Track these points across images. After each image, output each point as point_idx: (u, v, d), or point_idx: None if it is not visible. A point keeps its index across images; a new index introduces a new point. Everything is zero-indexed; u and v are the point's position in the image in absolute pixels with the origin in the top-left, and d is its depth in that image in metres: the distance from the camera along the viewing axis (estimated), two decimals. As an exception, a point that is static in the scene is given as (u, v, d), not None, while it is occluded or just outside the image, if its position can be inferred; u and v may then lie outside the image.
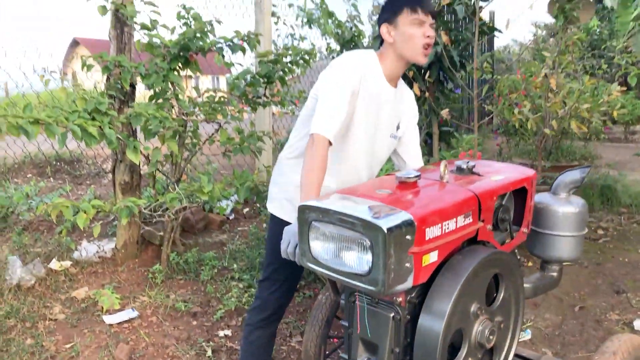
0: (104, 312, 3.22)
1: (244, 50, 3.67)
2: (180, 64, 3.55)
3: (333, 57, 5.35)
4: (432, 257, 1.50)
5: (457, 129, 5.88)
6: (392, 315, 1.57)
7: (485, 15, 10.60)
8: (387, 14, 1.97)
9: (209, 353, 2.83)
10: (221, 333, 3.03)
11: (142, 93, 3.90)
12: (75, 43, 35.16)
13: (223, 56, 3.64)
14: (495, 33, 6.32)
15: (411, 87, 4.39)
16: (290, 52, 3.68)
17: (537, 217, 2.00)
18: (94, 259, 3.85)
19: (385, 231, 1.37)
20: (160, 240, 3.94)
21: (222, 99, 3.64)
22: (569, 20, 5.53)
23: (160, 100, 3.48)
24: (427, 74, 5.09)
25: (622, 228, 4.71)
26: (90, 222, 3.34)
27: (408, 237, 1.42)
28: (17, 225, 4.27)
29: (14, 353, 2.75)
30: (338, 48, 5.42)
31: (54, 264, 3.69)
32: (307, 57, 3.65)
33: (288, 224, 2.04)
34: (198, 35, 3.44)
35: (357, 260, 1.47)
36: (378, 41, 2.10)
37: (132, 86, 3.67)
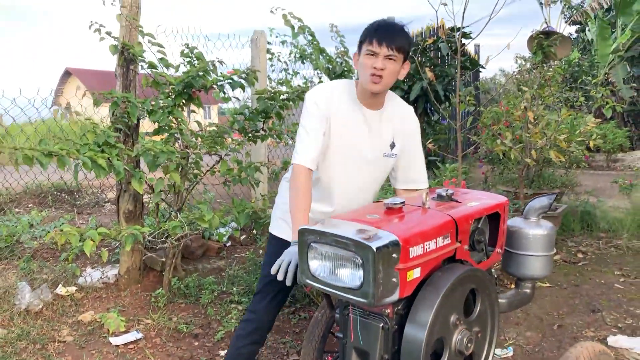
0: (110, 334, 3.39)
1: (243, 87, 3.94)
2: (184, 100, 3.80)
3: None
4: (416, 273, 1.72)
5: (444, 159, 6.15)
6: (381, 325, 1.78)
7: (471, 48, 11.03)
8: (358, 44, 2.16)
9: (211, 370, 3.02)
10: (222, 352, 3.20)
11: (145, 126, 4.12)
12: (67, 73, 35.56)
13: (224, 92, 3.90)
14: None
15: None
16: (286, 89, 3.94)
17: (511, 239, 2.23)
18: (98, 285, 4.03)
19: (375, 250, 1.59)
20: (161, 267, 4.13)
21: (221, 132, 3.89)
22: (547, 55, 5.87)
23: (165, 135, 3.72)
24: (415, 108, 5.38)
25: (600, 252, 4.95)
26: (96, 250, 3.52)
27: (394, 255, 1.64)
28: (23, 253, 4.44)
29: (27, 372, 2.92)
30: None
31: (60, 290, 3.87)
32: (302, 94, 3.91)
33: (282, 240, 2.29)
34: (201, 73, 3.70)
35: (350, 276, 1.69)
36: None
37: (137, 120, 3.91)
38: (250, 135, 3.89)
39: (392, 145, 2.27)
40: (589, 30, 14.24)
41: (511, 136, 4.94)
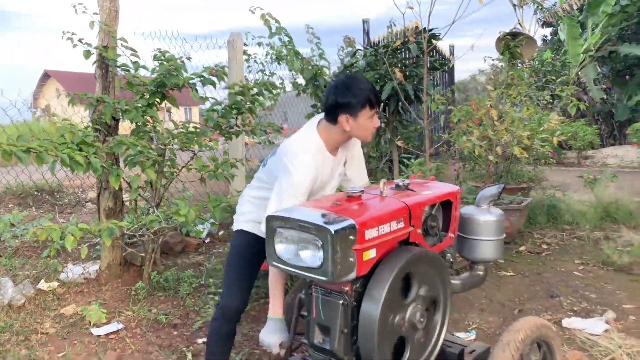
0: (92, 326, 3.52)
1: (214, 84, 4.10)
2: (158, 99, 3.95)
3: (299, 92, 5.79)
4: (372, 254, 1.90)
5: (418, 156, 6.36)
6: (341, 302, 1.95)
7: (445, 48, 11.27)
8: (349, 109, 2.23)
9: (189, 357, 3.16)
10: (200, 340, 3.36)
11: (125, 126, 4.26)
12: (46, 76, 35.30)
13: (197, 90, 4.06)
14: (457, 64, 6.90)
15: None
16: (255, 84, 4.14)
17: (464, 225, 2.42)
18: (80, 280, 4.15)
19: (333, 232, 1.77)
20: (141, 261, 4.26)
21: (196, 130, 4.05)
22: (514, 55, 6.10)
23: (140, 133, 3.87)
24: (386, 107, 5.58)
25: (563, 243, 5.19)
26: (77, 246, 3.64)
27: (351, 237, 1.82)
28: (4, 251, 4.54)
29: (12, 361, 3.05)
30: (304, 83, 5.88)
31: (43, 285, 3.98)
32: (270, 87, 4.10)
33: (245, 232, 2.51)
34: (173, 73, 3.86)
35: (312, 256, 1.86)
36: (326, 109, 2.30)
37: (116, 120, 4.04)
38: (225, 131, 4.05)
39: (344, 171, 2.50)
40: (560, 30, 14.61)
41: (478, 133, 5.15)
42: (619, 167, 10.21)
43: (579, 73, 13.26)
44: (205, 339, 3.33)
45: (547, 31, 20.89)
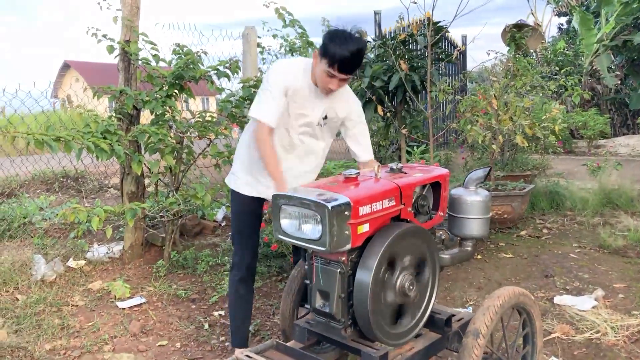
0: (117, 299, 3.83)
1: (228, 77, 4.37)
2: (176, 91, 4.23)
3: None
4: (365, 228, 2.15)
5: (426, 145, 6.58)
6: (338, 270, 2.21)
7: (457, 39, 11.40)
8: (321, 48, 2.50)
9: (206, 326, 3.46)
10: (216, 313, 3.65)
11: (146, 116, 4.55)
12: (66, 66, 35.92)
13: (212, 82, 4.34)
14: (473, 54, 7.09)
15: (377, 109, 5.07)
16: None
17: (453, 205, 2.66)
18: (105, 259, 4.47)
19: (330, 209, 2.02)
20: (162, 242, 4.56)
21: (212, 119, 4.33)
22: (519, 47, 6.28)
23: (159, 122, 4.15)
24: (394, 97, 5.80)
25: (564, 227, 5.39)
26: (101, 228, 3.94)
27: (347, 213, 2.07)
28: (34, 233, 4.87)
29: (47, 329, 3.37)
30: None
31: (71, 263, 4.31)
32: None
33: (238, 194, 2.80)
34: (190, 66, 4.13)
35: (312, 230, 2.12)
36: None
37: (137, 110, 4.33)
38: (238, 120, 4.32)
39: (324, 118, 2.74)
40: (574, 20, 14.62)
41: (482, 122, 5.35)
42: (629, 157, 10.31)
43: (593, 62, 13.29)
44: (221, 312, 3.65)
45: (564, 19, 20.84)
